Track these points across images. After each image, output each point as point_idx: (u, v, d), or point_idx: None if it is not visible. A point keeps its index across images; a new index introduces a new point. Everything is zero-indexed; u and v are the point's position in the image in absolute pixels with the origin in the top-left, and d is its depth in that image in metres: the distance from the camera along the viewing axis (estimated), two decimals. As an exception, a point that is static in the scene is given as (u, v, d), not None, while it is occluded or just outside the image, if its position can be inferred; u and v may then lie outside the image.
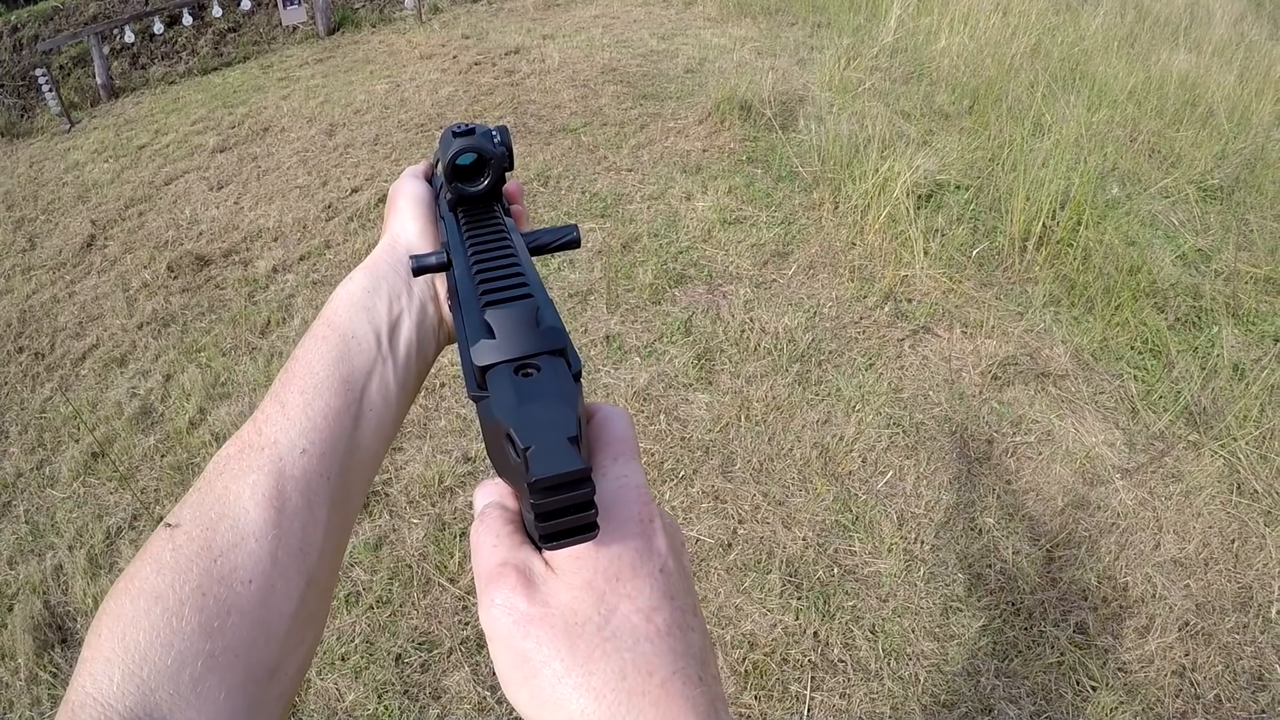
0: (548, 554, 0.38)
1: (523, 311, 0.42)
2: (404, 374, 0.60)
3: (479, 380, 0.40)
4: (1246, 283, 3.58)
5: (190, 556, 0.46)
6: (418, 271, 0.54)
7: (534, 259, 0.56)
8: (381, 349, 0.58)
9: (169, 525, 0.48)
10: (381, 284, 0.61)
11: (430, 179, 0.72)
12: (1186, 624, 2.43)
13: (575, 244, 0.59)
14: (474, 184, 0.59)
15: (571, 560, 0.37)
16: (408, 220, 0.66)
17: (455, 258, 0.53)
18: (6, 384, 4.10)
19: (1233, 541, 2.64)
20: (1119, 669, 2.34)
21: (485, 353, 0.40)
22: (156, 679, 0.42)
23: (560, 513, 0.34)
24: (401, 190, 0.68)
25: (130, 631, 0.43)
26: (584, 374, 3.04)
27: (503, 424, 0.36)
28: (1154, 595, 2.51)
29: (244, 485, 0.50)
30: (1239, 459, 2.85)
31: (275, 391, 0.55)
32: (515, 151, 5.33)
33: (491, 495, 0.43)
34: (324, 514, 0.52)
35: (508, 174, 0.62)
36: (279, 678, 0.48)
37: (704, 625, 0.40)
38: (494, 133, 0.62)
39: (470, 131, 0.60)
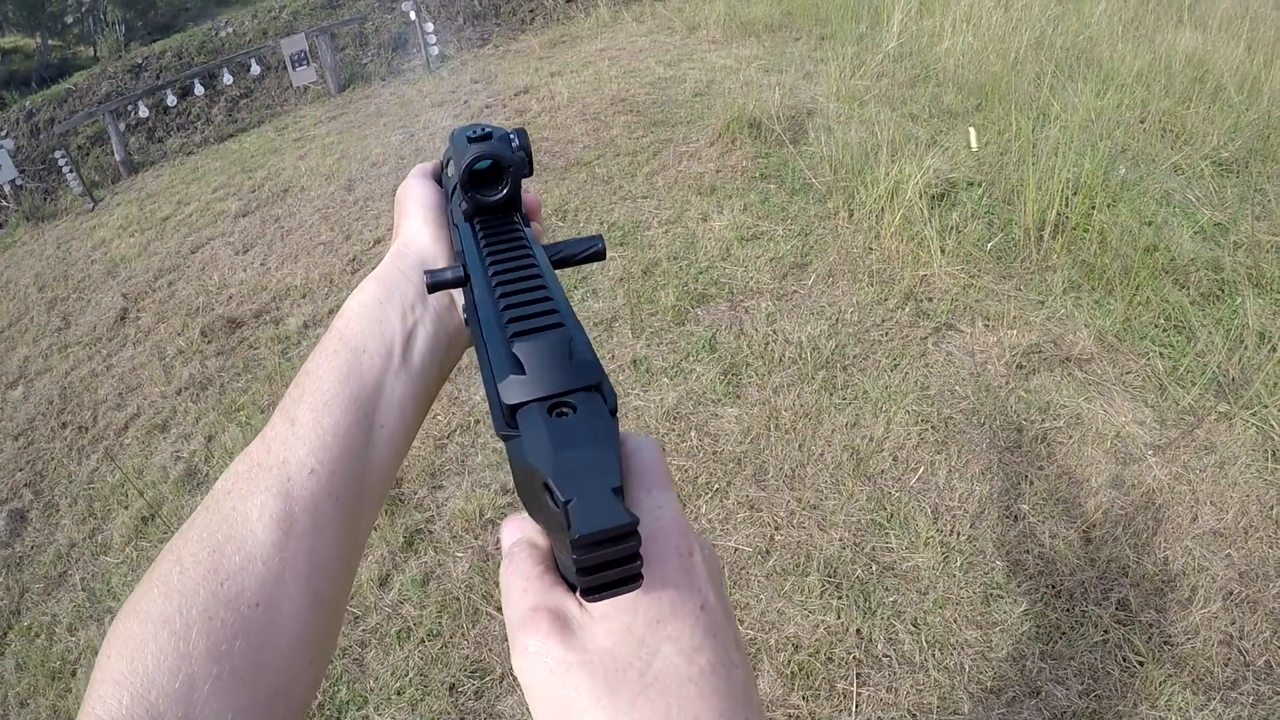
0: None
1: (554, 343, 0.39)
2: (419, 387, 0.58)
3: (508, 418, 0.38)
4: (1268, 251, 3.56)
5: (197, 579, 0.47)
6: (433, 288, 0.51)
7: (558, 271, 0.54)
8: (393, 363, 0.56)
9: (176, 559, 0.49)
10: (394, 293, 0.59)
11: (439, 179, 0.68)
12: (1230, 593, 2.43)
13: (601, 255, 0.55)
14: (491, 192, 0.56)
15: (609, 603, 0.36)
16: (419, 225, 0.63)
17: (473, 274, 0.50)
18: (54, 459, 4.25)
19: (1271, 508, 2.63)
20: (1165, 642, 2.34)
21: (514, 390, 0.38)
22: (165, 702, 0.42)
23: (605, 566, 0.32)
24: (410, 194, 0.65)
25: (138, 655, 0.44)
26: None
27: (539, 471, 0.34)
28: (1195, 567, 2.50)
29: (251, 506, 0.49)
30: (1271, 425, 2.85)
31: (285, 407, 0.54)
32: (531, 188, 5.45)
33: (519, 532, 0.41)
34: (332, 535, 0.52)
35: (525, 180, 0.60)
36: (287, 698, 0.48)
37: (745, 658, 0.38)
38: (512, 136, 0.59)
39: (487, 136, 0.56)
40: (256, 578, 0.47)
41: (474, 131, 0.57)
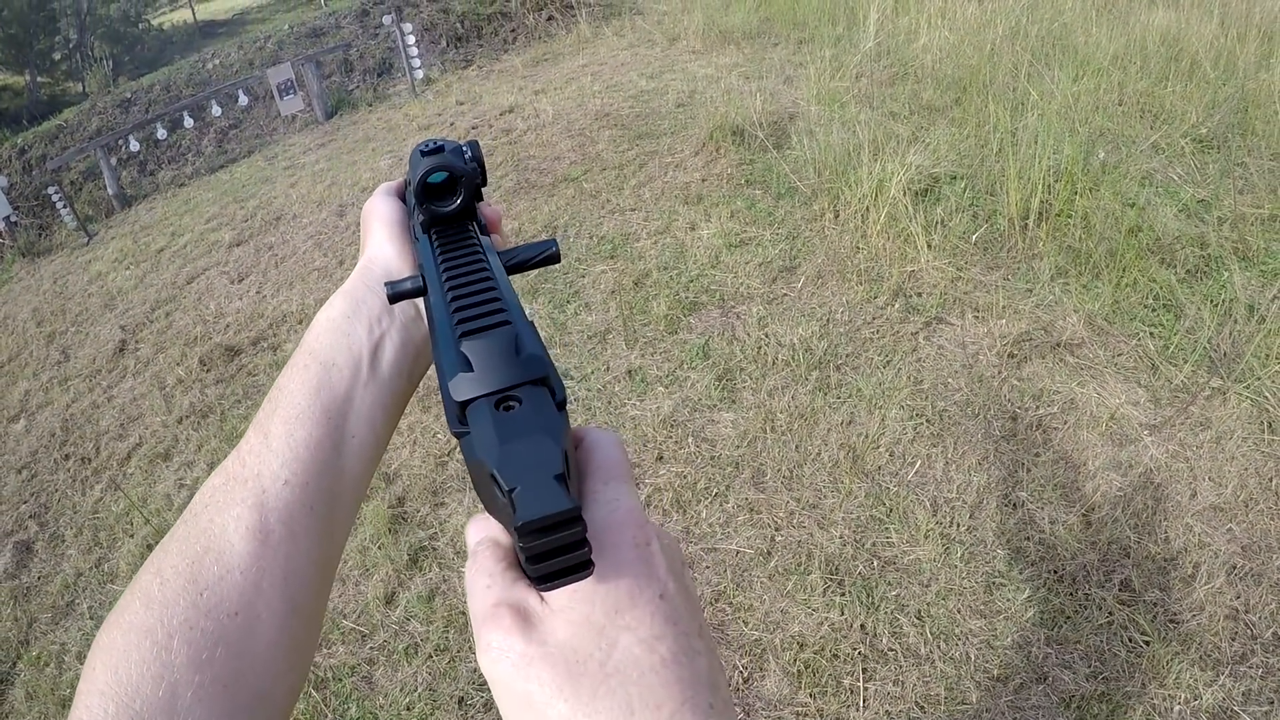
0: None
1: (501, 341, 0.40)
2: (388, 397, 0.59)
3: (459, 416, 0.39)
4: (1252, 225, 3.58)
5: (177, 590, 0.48)
6: (394, 299, 0.52)
7: (530, 274, 0.54)
8: (362, 375, 0.58)
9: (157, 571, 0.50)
10: (360, 308, 0.60)
11: (404, 196, 0.70)
12: (1234, 567, 2.43)
13: (555, 259, 0.56)
14: (446, 203, 0.57)
15: (568, 595, 0.36)
16: (383, 241, 0.64)
17: (430, 283, 0.51)
18: (57, 491, 4.26)
19: (1270, 480, 2.64)
20: (1170, 620, 2.34)
21: (463, 387, 0.38)
22: (149, 711, 0.44)
23: (551, 554, 0.32)
24: (374, 211, 0.67)
25: (122, 665, 0.45)
26: (610, 408, 3.10)
27: (485, 464, 0.34)
28: (1197, 544, 2.51)
29: (228, 518, 0.51)
30: (1265, 397, 2.85)
31: (259, 421, 0.56)
32: (519, 206, 5.47)
33: (483, 532, 0.42)
34: (308, 543, 0.53)
35: (483, 190, 0.61)
36: (268, 703, 0.49)
37: (711, 646, 0.38)
38: (464, 148, 0.60)
39: (439, 149, 0.58)
40: (235, 587, 0.49)
41: (427, 145, 0.58)
